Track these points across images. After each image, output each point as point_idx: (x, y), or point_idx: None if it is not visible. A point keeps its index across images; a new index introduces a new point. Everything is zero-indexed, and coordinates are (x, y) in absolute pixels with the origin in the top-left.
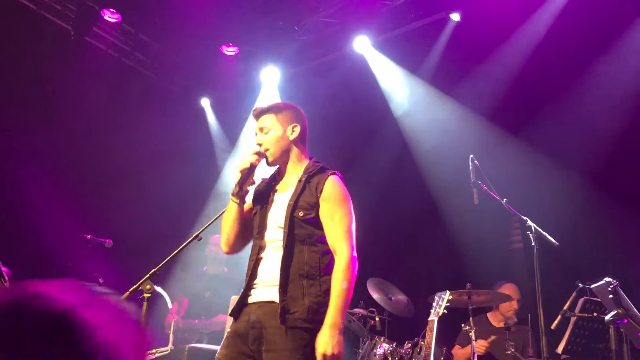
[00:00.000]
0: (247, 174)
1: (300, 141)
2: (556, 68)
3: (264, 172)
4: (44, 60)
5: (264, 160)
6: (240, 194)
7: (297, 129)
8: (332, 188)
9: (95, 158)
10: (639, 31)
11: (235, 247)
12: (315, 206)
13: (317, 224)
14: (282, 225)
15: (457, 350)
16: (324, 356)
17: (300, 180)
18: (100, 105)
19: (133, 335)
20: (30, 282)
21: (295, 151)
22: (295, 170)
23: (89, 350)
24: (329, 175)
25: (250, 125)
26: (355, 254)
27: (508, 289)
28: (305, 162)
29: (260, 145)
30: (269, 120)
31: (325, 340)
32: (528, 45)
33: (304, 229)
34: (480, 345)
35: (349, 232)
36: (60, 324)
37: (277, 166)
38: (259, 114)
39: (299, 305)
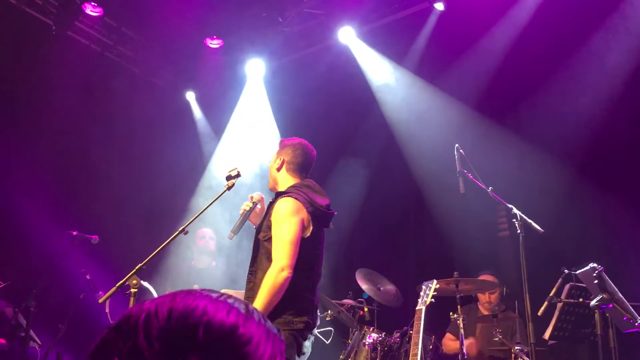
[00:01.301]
0: (244, 218)
1: (288, 171)
2: (540, 56)
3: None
4: (25, 56)
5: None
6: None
7: (279, 162)
8: (278, 207)
9: (79, 154)
10: (621, 17)
11: None
12: (271, 227)
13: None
14: (253, 247)
15: (447, 341)
16: None
17: (269, 205)
18: (83, 101)
19: (278, 350)
20: (181, 293)
21: (281, 182)
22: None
23: None
24: (281, 197)
25: (237, 117)
26: (286, 264)
27: (485, 278)
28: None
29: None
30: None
31: None
32: (512, 34)
33: (264, 248)
34: (469, 345)
35: (284, 245)
36: (226, 340)
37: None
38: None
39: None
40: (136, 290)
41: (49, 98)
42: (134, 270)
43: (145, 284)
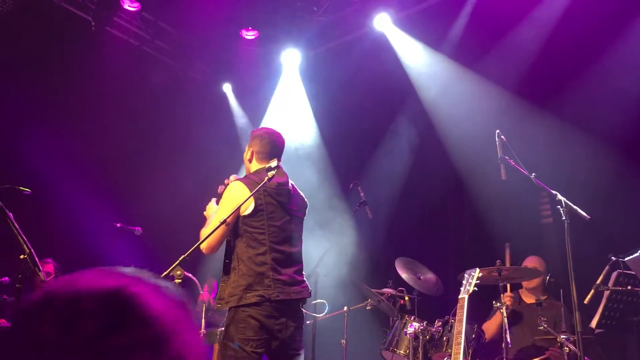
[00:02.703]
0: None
1: (256, 160)
2: (580, 38)
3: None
4: (66, 52)
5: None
6: None
7: (247, 156)
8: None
9: (121, 148)
10: None
11: None
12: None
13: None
14: None
15: (488, 325)
16: None
17: None
18: (123, 95)
19: (176, 307)
20: (68, 275)
21: (251, 168)
22: None
23: (143, 319)
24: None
25: (273, 108)
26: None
27: (531, 261)
28: None
29: None
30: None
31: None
32: (551, 16)
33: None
34: (507, 296)
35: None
36: (116, 300)
37: None
38: None
39: (223, 293)
40: (180, 280)
41: (90, 94)
42: (178, 261)
43: (189, 275)
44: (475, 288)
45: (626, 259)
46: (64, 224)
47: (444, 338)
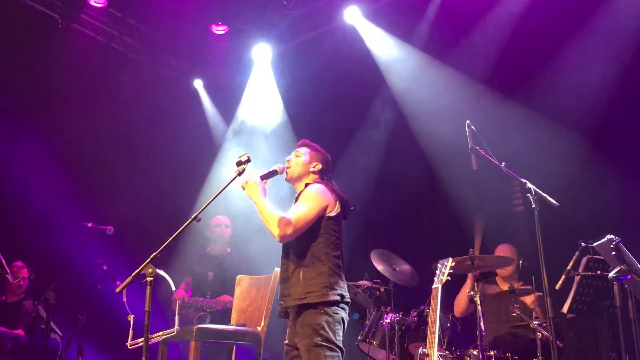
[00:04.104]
0: (268, 175)
1: (319, 174)
2: (549, 27)
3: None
4: (32, 50)
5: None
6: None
7: (318, 166)
8: (307, 190)
9: (90, 146)
10: None
11: None
12: None
13: None
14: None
15: (457, 301)
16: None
17: (296, 198)
18: (92, 93)
19: None
20: None
21: (306, 179)
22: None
23: None
24: (309, 186)
25: (245, 103)
26: (294, 223)
27: (503, 249)
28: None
29: (289, 161)
30: (305, 150)
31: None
32: (519, 6)
33: (294, 241)
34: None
35: (302, 211)
36: None
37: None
38: (301, 145)
39: (294, 289)
40: (152, 278)
41: (58, 91)
42: (149, 259)
43: (161, 272)
44: (449, 277)
45: (595, 244)
46: (33, 224)
47: (420, 328)
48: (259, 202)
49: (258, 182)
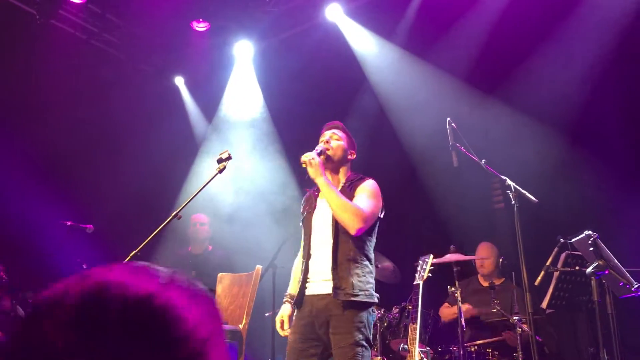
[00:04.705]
0: (319, 154)
1: (351, 163)
2: (528, 25)
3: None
4: (10, 46)
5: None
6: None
7: (354, 155)
8: (365, 183)
9: (69, 143)
10: None
11: None
12: None
13: None
14: (331, 224)
15: (444, 310)
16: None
17: (342, 187)
18: (71, 90)
19: (212, 317)
20: (94, 271)
21: (345, 168)
22: (338, 181)
23: (175, 335)
24: (366, 180)
25: (227, 100)
26: (362, 212)
27: (483, 248)
28: (346, 176)
29: (328, 142)
30: (342, 134)
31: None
32: (499, 4)
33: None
34: (465, 311)
35: (372, 206)
36: (144, 310)
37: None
38: (336, 127)
39: (346, 283)
40: None
41: (35, 88)
42: (129, 257)
43: None
44: (430, 274)
45: (573, 240)
46: (10, 223)
47: (401, 324)
48: (328, 186)
49: (319, 161)
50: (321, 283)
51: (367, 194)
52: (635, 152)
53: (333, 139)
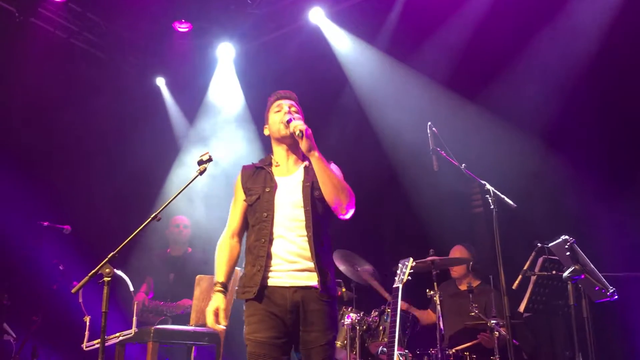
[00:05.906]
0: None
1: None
2: (509, 31)
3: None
4: None
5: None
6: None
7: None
8: (332, 166)
9: (47, 143)
10: None
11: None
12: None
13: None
14: (303, 205)
15: (426, 315)
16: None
17: (306, 166)
18: (50, 89)
19: None
20: None
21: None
22: (294, 159)
23: None
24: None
25: (208, 102)
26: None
27: (456, 250)
28: (298, 154)
29: (290, 113)
30: (298, 108)
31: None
32: (481, 10)
33: (323, 207)
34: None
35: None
36: None
37: (281, 146)
38: (289, 98)
39: (328, 275)
40: (109, 279)
41: (14, 87)
42: (106, 259)
43: (120, 272)
44: (409, 277)
45: (550, 245)
46: None
47: (380, 327)
48: (324, 162)
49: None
50: (294, 273)
51: (340, 177)
52: (610, 158)
53: (295, 112)
